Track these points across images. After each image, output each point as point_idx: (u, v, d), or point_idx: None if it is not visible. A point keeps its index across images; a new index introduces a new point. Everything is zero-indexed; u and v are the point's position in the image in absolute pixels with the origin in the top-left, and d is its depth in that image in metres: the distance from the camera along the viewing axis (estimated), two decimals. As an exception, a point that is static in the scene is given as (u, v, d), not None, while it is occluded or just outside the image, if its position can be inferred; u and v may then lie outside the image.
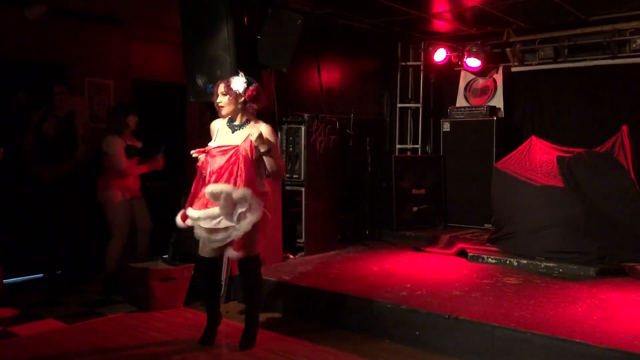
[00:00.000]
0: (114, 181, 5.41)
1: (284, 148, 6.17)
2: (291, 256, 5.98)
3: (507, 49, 7.59)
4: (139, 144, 5.61)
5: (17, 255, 5.55)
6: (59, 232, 5.85)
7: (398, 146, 8.40)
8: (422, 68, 8.31)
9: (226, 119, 3.93)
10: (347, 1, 6.28)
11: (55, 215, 5.70)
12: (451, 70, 8.15)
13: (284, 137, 6.18)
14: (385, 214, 7.54)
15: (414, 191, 7.67)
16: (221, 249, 3.89)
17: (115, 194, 5.39)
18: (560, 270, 5.36)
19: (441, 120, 7.95)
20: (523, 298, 4.48)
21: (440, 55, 7.92)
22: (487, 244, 6.28)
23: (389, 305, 4.28)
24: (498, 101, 7.81)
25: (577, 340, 3.48)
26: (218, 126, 3.96)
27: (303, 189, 6.05)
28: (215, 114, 4.00)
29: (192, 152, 3.88)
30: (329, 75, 7.03)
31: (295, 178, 6.10)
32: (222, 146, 3.81)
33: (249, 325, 3.98)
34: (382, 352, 4.01)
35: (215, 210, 3.71)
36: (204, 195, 3.76)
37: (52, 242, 5.88)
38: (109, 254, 5.44)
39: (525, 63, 7.63)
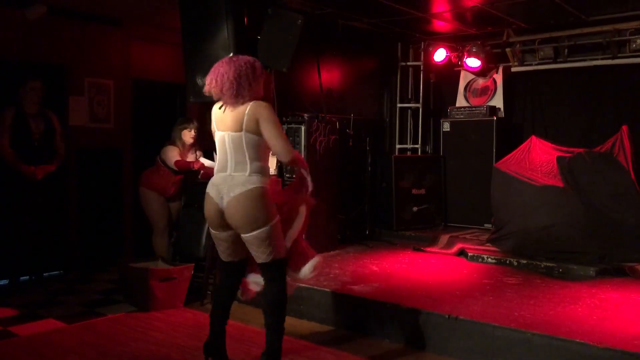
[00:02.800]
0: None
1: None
2: (291, 256, 5.97)
3: (507, 49, 7.59)
4: (192, 164, 5.66)
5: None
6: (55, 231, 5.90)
7: (398, 146, 8.40)
8: (422, 68, 8.30)
9: None
10: (347, 1, 6.29)
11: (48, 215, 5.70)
12: (451, 70, 8.15)
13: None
14: (385, 214, 7.53)
15: (414, 191, 7.66)
16: None
17: (147, 193, 5.71)
18: (560, 270, 5.36)
19: (441, 120, 7.94)
20: (523, 298, 4.48)
21: (440, 55, 7.92)
22: (487, 244, 6.28)
23: (388, 305, 4.28)
24: (498, 101, 7.81)
25: (577, 340, 3.48)
26: None
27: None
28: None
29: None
30: (329, 75, 7.03)
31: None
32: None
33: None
34: (381, 352, 4.01)
35: None
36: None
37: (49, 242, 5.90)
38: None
39: (525, 63, 7.62)
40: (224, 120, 3.43)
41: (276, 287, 3.48)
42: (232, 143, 3.38)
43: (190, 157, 5.78)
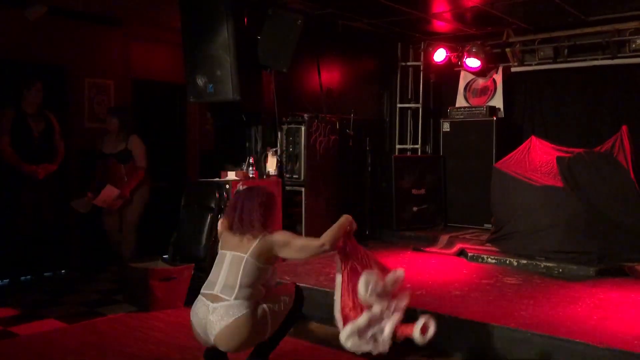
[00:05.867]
0: None
1: (284, 148, 6.17)
2: (291, 256, 5.97)
3: (507, 49, 7.58)
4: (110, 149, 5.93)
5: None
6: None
7: (398, 146, 8.39)
8: (422, 68, 8.29)
9: None
10: (347, 1, 6.28)
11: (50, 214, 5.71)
12: (451, 70, 8.15)
13: (284, 137, 6.18)
14: (385, 214, 7.53)
15: (414, 191, 7.66)
16: None
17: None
18: (560, 270, 5.36)
19: (441, 120, 7.94)
20: (523, 298, 4.48)
21: (440, 55, 7.92)
22: (487, 244, 6.28)
23: (389, 305, 4.27)
24: (498, 101, 7.81)
25: (577, 340, 3.48)
26: None
27: (303, 189, 6.05)
28: (215, 115, 3.95)
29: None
30: (329, 75, 7.03)
31: (295, 178, 6.10)
32: None
33: None
34: (382, 352, 4.00)
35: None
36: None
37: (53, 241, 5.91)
38: None
39: (525, 63, 7.62)
40: (231, 240, 3.38)
41: (294, 311, 3.53)
42: (231, 264, 3.29)
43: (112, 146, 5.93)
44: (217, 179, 5.60)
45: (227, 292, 3.21)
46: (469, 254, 6.00)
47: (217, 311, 3.19)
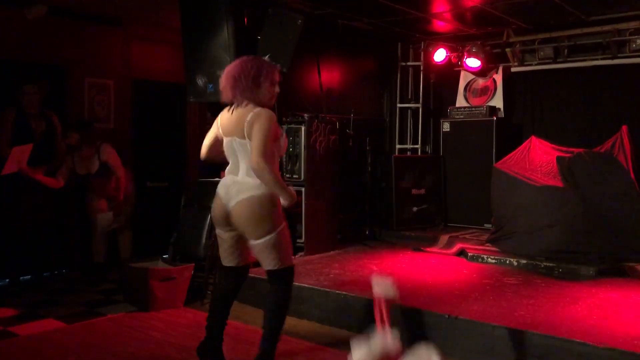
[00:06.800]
0: None
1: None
2: (291, 256, 5.98)
3: (507, 49, 7.59)
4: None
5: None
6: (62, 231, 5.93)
7: (398, 146, 8.40)
8: (422, 68, 8.29)
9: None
10: (347, 1, 6.29)
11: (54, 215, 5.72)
12: (451, 70, 8.15)
13: (284, 137, 6.18)
14: (385, 214, 7.54)
15: (414, 191, 7.66)
16: None
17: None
18: (560, 270, 5.36)
19: (441, 120, 7.94)
20: (523, 298, 4.48)
21: (440, 55, 7.92)
22: (487, 244, 6.28)
23: (389, 305, 4.27)
24: (498, 101, 7.81)
25: (577, 340, 3.48)
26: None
27: (303, 189, 6.05)
28: (215, 115, 3.92)
29: None
30: (329, 75, 7.03)
31: (296, 178, 6.10)
32: None
33: None
34: (382, 352, 4.01)
35: None
36: None
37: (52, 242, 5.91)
38: None
39: (525, 63, 7.62)
40: (228, 127, 3.45)
41: (281, 294, 3.49)
42: (241, 150, 3.39)
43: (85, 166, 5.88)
44: (217, 179, 5.59)
45: (252, 174, 3.32)
46: (469, 254, 6.00)
47: (247, 183, 3.34)
